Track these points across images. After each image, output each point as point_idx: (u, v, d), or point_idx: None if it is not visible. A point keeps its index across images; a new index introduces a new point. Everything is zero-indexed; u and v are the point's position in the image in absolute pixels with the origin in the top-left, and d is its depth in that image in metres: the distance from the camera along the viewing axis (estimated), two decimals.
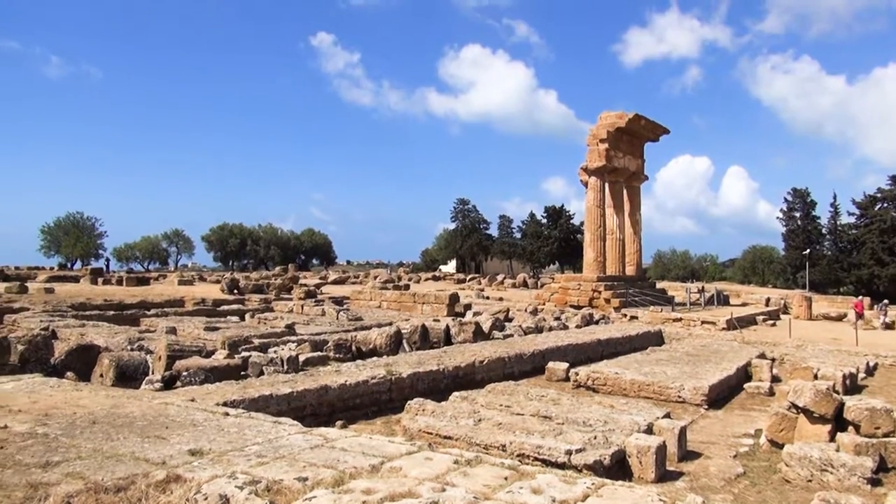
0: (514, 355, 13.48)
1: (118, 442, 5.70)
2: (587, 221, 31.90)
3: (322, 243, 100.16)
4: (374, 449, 5.26)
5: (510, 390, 10.06)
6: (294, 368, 11.28)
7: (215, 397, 8.20)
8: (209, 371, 10.22)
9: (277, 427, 6.26)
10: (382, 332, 14.81)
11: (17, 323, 17.44)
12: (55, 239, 77.01)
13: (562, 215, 79.79)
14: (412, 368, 11.12)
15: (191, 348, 11.75)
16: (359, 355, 13.70)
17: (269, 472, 4.58)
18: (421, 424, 8.11)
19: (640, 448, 6.82)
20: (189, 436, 5.89)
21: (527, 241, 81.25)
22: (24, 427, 6.22)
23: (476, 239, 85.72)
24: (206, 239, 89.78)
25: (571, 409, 8.85)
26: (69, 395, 8.12)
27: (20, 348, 10.55)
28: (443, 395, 10.30)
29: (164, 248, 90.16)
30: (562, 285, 31.46)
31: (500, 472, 4.44)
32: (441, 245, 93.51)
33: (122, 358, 10.69)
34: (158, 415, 6.82)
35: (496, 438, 7.35)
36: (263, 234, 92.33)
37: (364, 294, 30.42)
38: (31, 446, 5.54)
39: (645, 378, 11.88)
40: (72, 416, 6.74)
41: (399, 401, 10.05)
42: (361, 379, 10.09)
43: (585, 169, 31.38)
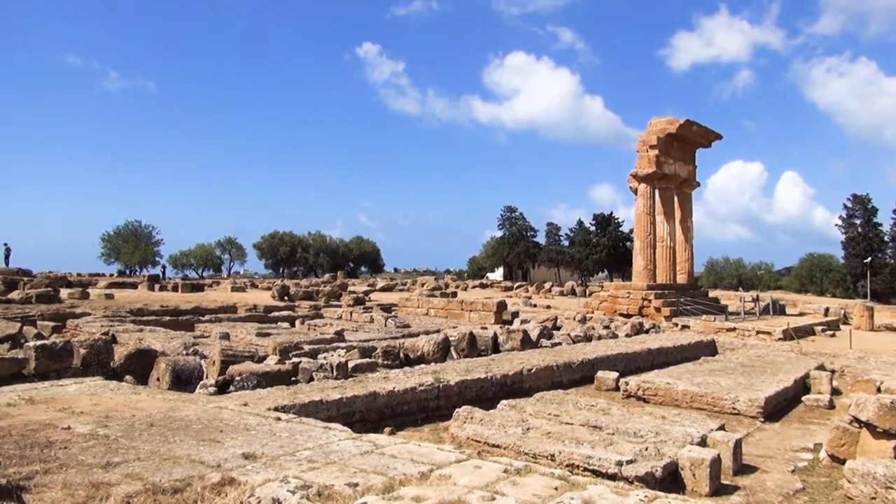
0: (562, 364, 13.35)
1: (175, 444, 5.86)
2: (637, 229, 31.43)
3: (370, 251, 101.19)
4: (424, 456, 5.28)
5: (559, 399, 9.97)
6: (343, 374, 11.40)
7: (267, 402, 8.34)
8: (261, 376, 10.41)
9: (328, 432, 6.34)
10: (430, 339, 14.85)
11: (80, 328, 18.09)
12: (115, 247, 79.70)
13: (610, 223, 78.91)
14: (460, 376, 11.12)
15: (243, 353, 11.99)
16: (407, 362, 13.77)
17: (320, 477, 4.64)
18: (469, 432, 8.10)
19: (693, 460, 6.67)
20: (242, 440, 6.01)
21: (575, 249, 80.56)
22: (86, 428, 6.45)
23: (523, 247, 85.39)
24: (257, 247, 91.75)
25: (622, 419, 8.71)
26: (128, 397, 8.38)
27: (82, 352, 10.92)
28: (490, 403, 10.26)
29: (218, 255, 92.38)
30: (611, 293, 31.06)
31: (550, 483, 4.40)
32: (488, 253, 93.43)
33: (178, 362, 10.97)
34: (213, 418, 6.98)
35: (545, 448, 7.28)
36: (313, 242, 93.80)
37: (411, 301, 30.58)
38: (92, 447, 5.73)
39: (698, 389, 11.62)
40: (131, 419, 6.95)
41: (447, 408, 10.06)
42: (409, 386, 10.13)
43: (635, 175, 30.96)
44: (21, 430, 6.34)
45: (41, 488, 4.51)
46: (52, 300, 25.94)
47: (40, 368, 10.17)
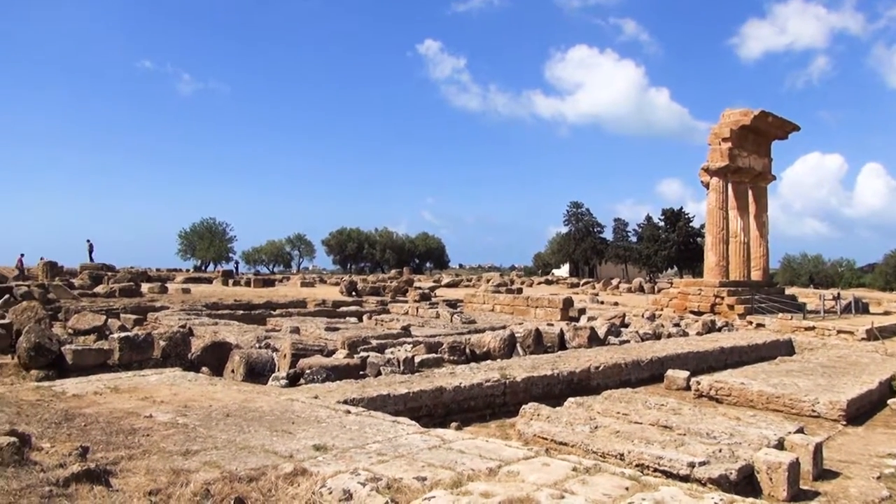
0: (630, 362, 13.11)
1: (249, 434, 6.05)
2: (708, 224, 30.48)
3: (435, 247, 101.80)
4: (491, 452, 5.28)
5: (627, 398, 9.79)
6: (410, 369, 11.51)
7: (336, 395, 8.50)
8: (330, 370, 10.62)
9: (396, 426, 6.42)
10: (496, 335, 14.83)
11: (159, 321, 18.88)
12: (191, 243, 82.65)
13: (680, 218, 76.87)
14: (526, 372, 11.07)
15: (313, 347, 12.26)
16: (472, 358, 13.78)
17: (389, 471, 4.70)
18: (535, 429, 8.05)
19: (770, 464, 6.44)
20: (314, 431, 6.15)
21: (643, 245, 78.88)
22: (166, 417, 6.73)
23: (590, 243, 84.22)
24: (325, 243, 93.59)
25: (693, 419, 8.49)
26: (205, 388, 8.70)
27: (162, 344, 11.40)
28: (557, 400, 10.17)
29: (288, 251, 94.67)
30: (681, 290, 30.27)
31: (620, 482, 4.33)
32: (554, 249, 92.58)
33: (251, 355, 11.31)
34: (285, 410, 7.17)
35: (613, 447, 7.17)
36: (379, 238, 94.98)
37: (477, 297, 30.60)
38: (172, 435, 5.98)
39: (774, 390, 11.21)
40: (208, 409, 7.21)
41: (513, 404, 10.04)
42: (476, 381, 10.15)
43: (706, 169, 30.03)
44: (107, 418, 6.67)
45: (126, 473, 4.73)
46: (133, 294, 27.15)
47: (124, 359, 10.67)
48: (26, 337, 10.18)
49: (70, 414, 6.75)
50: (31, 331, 10.33)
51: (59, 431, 5.96)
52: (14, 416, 6.39)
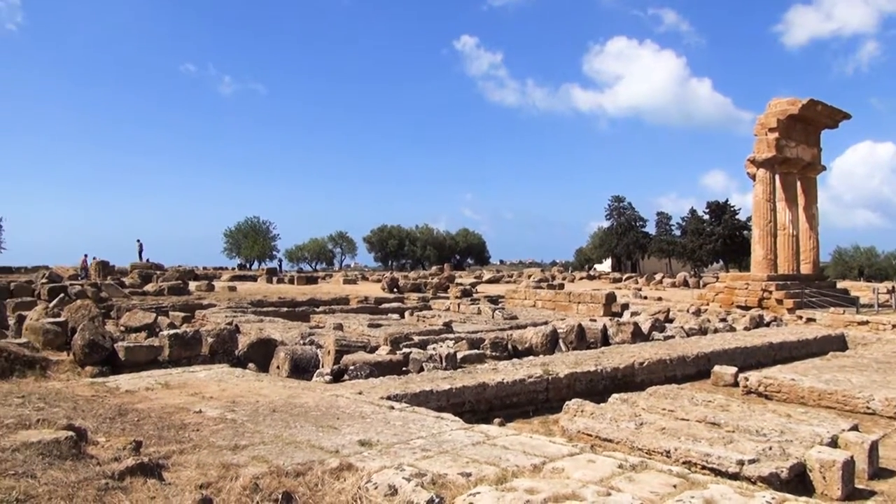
0: (676, 358, 12.90)
1: (296, 430, 6.14)
2: (755, 216, 29.78)
3: (476, 243, 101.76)
4: (535, 448, 5.26)
5: (673, 394, 9.64)
6: (452, 365, 11.53)
7: (380, 391, 8.57)
8: (373, 366, 10.71)
9: (440, 422, 6.44)
10: (538, 331, 14.76)
11: (206, 318, 19.29)
12: (236, 242, 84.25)
13: (725, 210, 75.29)
14: (569, 368, 10.99)
15: (356, 344, 12.38)
16: (515, 354, 13.74)
17: (434, 466, 4.72)
18: (579, 425, 7.99)
19: (823, 462, 6.27)
20: (358, 427, 6.22)
21: (687, 239, 77.49)
22: (215, 412, 6.87)
23: (632, 237, 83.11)
24: (367, 240, 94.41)
25: (742, 416, 8.32)
26: (251, 384, 8.86)
27: (210, 341, 11.64)
28: (601, 396, 10.07)
29: (330, 249, 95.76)
30: (727, 284, 29.66)
31: (667, 480, 4.27)
32: (595, 244, 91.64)
33: (296, 352, 11.47)
34: (330, 406, 7.25)
35: (659, 444, 7.07)
36: (420, 235, 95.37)
37: (518, 293, 30.49)
38: (222, 430, 6.11)
39: (826, 386, 10.91)
40: (255, 405, 7.34)
41: (556, 401, 9.97)
42: (518, 377, 10.12)
43: (753, 160, 29.33)
44: (159, 413, 6.84)
45: (178, 467, 4.85)
46: (181, 292, 27.80)
47: (173, 355, 10.93)
48: (81, 334, 10.50)
49: (123, 409, 6.95)
50: (86, 328, 10.66)
51: (113, 426, 6.14)
52: (71, 411, 6.60)
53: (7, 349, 10.25)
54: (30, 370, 9.94)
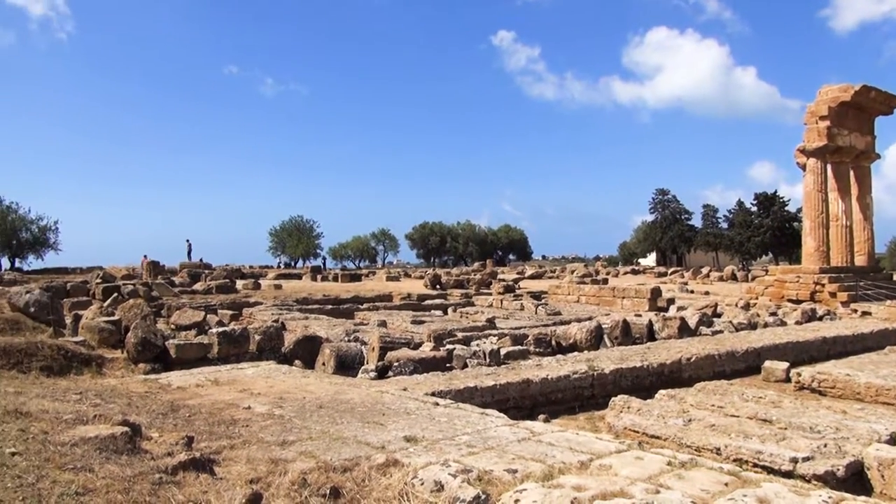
0: (724, 353, 12.64)
1: (342, 426, 6.20)
2: (806, 208, 28.96)
3: (518, 239, 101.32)
4: (582, 445, 5.21)
5: (722, 390, 9.44)
6: (496, 361, 11.51)
7: (424, 387, 8.60)
8: (417, 362, 10.76)
9: (485, 418, 6.43)
10: (582, 326, 14.62)
11: (253, 315, 19.65)
12: (280, 240, 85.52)
13: (774, 202, 73.42)
14: (614, 364, 10.86)
15: (400, 340, 12.45)
16: (559, 350, 13.65)
17: (480, 462, 4.72)
18: (626, 422, 7.89)
19: (881, 460, 6.06)
20: (404, 423, 6.25)
21: (734, 231, 75.84)
22: (263, 409, 6.99)
23: (677, 230, 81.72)
24: (409, 237, 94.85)
25: (795, 412, 8.10)
26: (298, 381, 8.99)
27: (257, 338, 11.86)
28: (647, 392, 9.93)
29: (373, 246, 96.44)
30: (777, 278, 28.93)
31: (718, 478, 4.18)
32: (639, 238, 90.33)
33: (341, 348, 11.60)
34: (375, 402, 7.31)
35: (709, 441, 6.93)
36: (462, 232, 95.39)
37: (562, 288, 30.27)
38: (270, 426, 6.21)
39: (884, 381, 10.54)
40: (302, 401, 7.45)
41: (601, 397, 9.88)
42: (563, 374, 10.04)
43: (802, 150, 28.52)
44: (209, 409, 6.99)
45: (228, 462, 4.95)
46: (229, 290, 28.38)
47: (222, 353, 11.16)
48: (133, 333, 10.81)
49: (175, 405, 7.12)
50: (138, 327, 10.96)
51: (165, 422, 6.30)
52: (125, 407, 6.79)
53: (65, 347, 10.61)
54: (86, 367, 10.27)
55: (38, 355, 10.05)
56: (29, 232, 54.19)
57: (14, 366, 9.67)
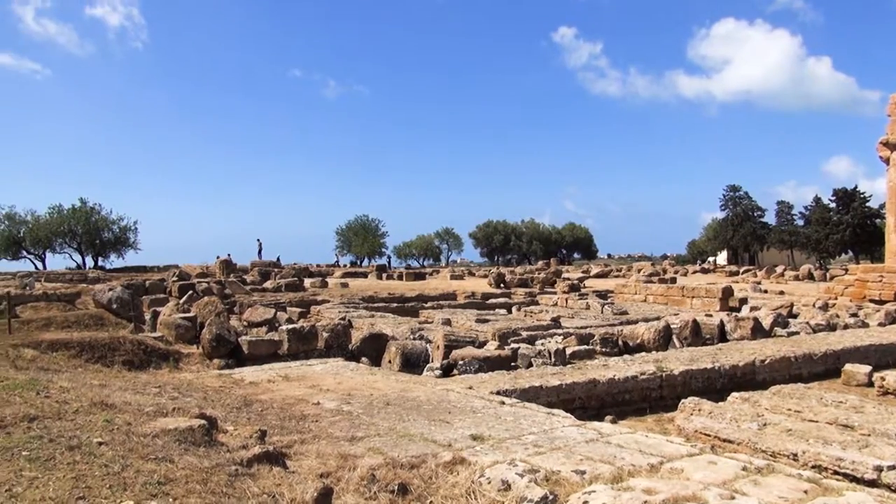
0: (801, 355, 12.15)
1: (409, 423, 6.27)
2: (890, 203, 27.52)
3: (583, 237, 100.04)
4: (652, 447, 5.11)
5: (799, 393, 9.09)
6: (561, 361, 11.41)
7: (489, 386, 8.61)
8: (482, 361, 10.77)
9: (551, 418, 6.39)
10: (650, 326, 14.34)
11: (321, 313, 20.06)
12: (346, 239, 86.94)
13: (854, 198, 70.05)
14: (684, 365, 10.60)
15: (464, 339, 12.48)
16: (625, 350, 13.44)
17: (547, 462, 4.69)
18: (696, 425, 7.69)
19: None
20: (470, 421, 6.27)
21: (811, 229, 72.77)
22: (332, 404, 7.14)
23: (749, 228, 78.98)
24: (472, 236, 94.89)
25: (879, 418, 7.72)
26: (365, 378, 9.13)
27: (325, 335, 12.11)
28: (719, 395, 9.65)
29: (437, 245, 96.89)
30: (858, 277, 27.61)
31: (797, 485, 4.03)
32: (709, 235, 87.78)
33: (406, 346, 11.72)
34: (441, 400, 7.36)
35: (785, 446, 6.69)
36: (525, 230, 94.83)
37: (628, 287, 29.72)
38: (338, 422, 6.33)
39: None
40: (369, 397, 7.56)
41: (670, 398, 9.66)
42: (630, 374, 9.87)
43: (886, 143, 27.10)
44: (280, 404, 7.19)
45: (299, 456, 5.08)
46: (297, 289, 29.04)
47: (291, 349, 11.44)
48: (208, 329, 11.20)
49: (248, 400, 7.35)
50: (213, 323, 11.35)
51: (239, 415, 6.50)
52: (201, 401, 7.05)
53: (145, 342, 11.09)
54: (164, 362, 10.71)
55: (120, 350, 10.54)
56: (111, 232, 56.88)
57: (98, 359, 10.18)
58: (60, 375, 8.06)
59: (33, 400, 5.54)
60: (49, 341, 10.83)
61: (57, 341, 10.83)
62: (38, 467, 3.70)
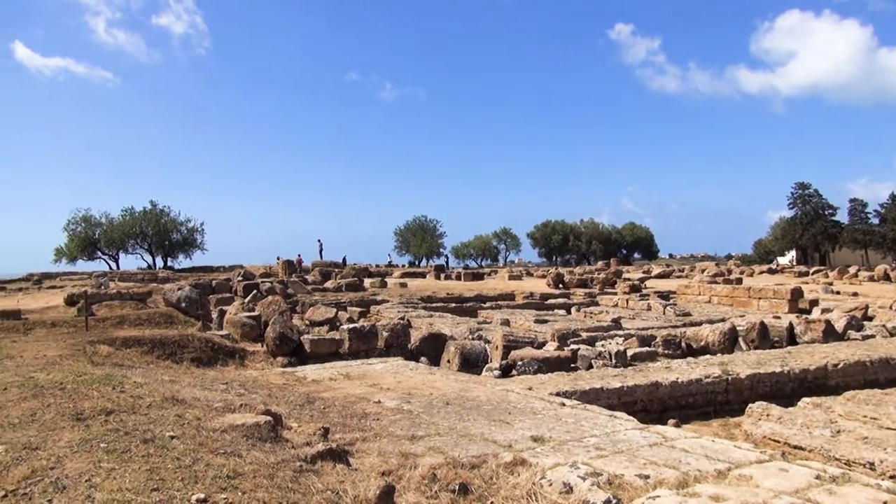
0: (877, 360, 11.62)
1: (469, 423, 6.28)
2: None
3: (643, 237, 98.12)
4: (718, 453, 4.97)
5: (876, 400, 8.69)
6: (622, 363, 11.23)
7: (549, 387, 8.54)
8: (541, 361, 10.70)
9: (613, 421, 6.29)
10: (715, 328, 13.97)
11: (380, 313, 20.27)
12: (405, 240, 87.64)
13: None
14: (751, 369, 10.29)
15: (523, 339, 12.42)
16: (689, 352, 13.14)
17: (609, 466, 4.62)
18: (765, 430, 7.45)
19: None
20: (530, 422, 6.23)
21: (887, 227, 69.58)
22: (393, 403, 7.21)
23: (820, 227, 75.97)
24: (530, 236, 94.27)
25: None
26: (424, 377, 9.18)
27: (385, 335, 12.24)
28: (788, 400, 9.33)
29: (495, 245, 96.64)
30: None
31: (875, 495, 3.85)
32: (777, 235, 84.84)
33: (465, 346, 11.74)
34: (501, 400, 7.34)
35: (861, 454, 6.41)
36: (584, 230, 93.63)
37: (691, 288, 29.01)
38: (399, 420, 6.39)
39: None
40: (429, 397, 7.61)
41: (736, 403, 9.40)
42: (694, 377, 9.64)
43: None
44: (342, 402, 7.30)
45: (361, 454, 5.15)
46: (357, 289, 29.44)
47: (352, 348, 11.62)
48: (272, 328, 11.47)
49: (311, 397, 7.49)
50: (276, 322, 11.62)
51: (303, 412, 6.64)
52: (266, 398, 7.22)
53: (212, 340, 11.43)
54: (230, 359, 11.02)
55: (189, 347, 10.90)
56: (179, 233, 58.85)
57: (169, 356, 10.55)
58: (134, 371, 8.40)
59: (109, 394, 5.79)
60: (123, 338, 11.29)
61: (130, 338, 11.28)
62: (115, 459, 3.86)
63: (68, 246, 55.35)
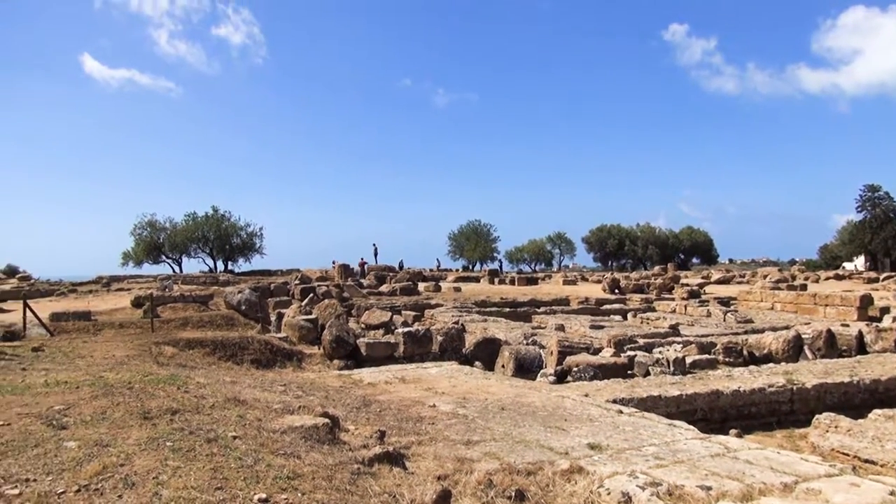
0: None
1: (524, 429, 6.24)
2: None
3: (702, 241, 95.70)
4: (784, 465, 4.81)
5: None
6: (681, 370, 10.99)
7: (605, 394, 8.42)
8: (597, 368, 10.56)
9: (672, 430, 6.16)
10: (778, 336, 13.53)
11: (434, 317, 20.35)
12: (459, 244, 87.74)
13: None
14: (817, 379, 9.93)
15: (578, 345, 12.29)
16: (751, 360, 12.77)
17: (669, 476, 4.52)
18: (833, 443, 7.17)
19: None
20: (586, 430, 6.16)
21: None
22: (448, 407, 7.22)
23: (890, 231, 72.78)
24: (585, 240, 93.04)
25: None
26: (479, 382, 9.18)
27: (439, 339, 12.29)
28: (857, 411, 8.95)
29: (549, 249, 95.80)
30: None
31: None
32: (844, 239, 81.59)
33: (520, 351, 11.68)
34: (556, 407, 7.27)
35: None
36: (641, 234, 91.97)
37: (753, 294, 28.16)
38: (454, 425, 6.40)
39: None
40: (484, 402, 7.59)
41: (802, 413, 9.09)
42: (757, 386, 9.36)
43: None
44: (397, 405, 7.36)
45: (417, 457, 5.17)
46: (411, 293, 29.63)
47: (407, 352, 11.70)
48: (329, 331, 11.65)
49: (367, 400, 7.57)
50: (333, 325, 11.79)
51: (359, 415, 6.72)
52: (323, 400, 7.34)
53: (271, 342, 11.68)
54: (288, 361, 11.25)
55: (248, 349, 11.17)
56: (239, 237, 60.31)
57: (230, 357, 10.83)
58: (197, 372, 8.65)
59: (174, 394, 5.97)
60: (186, 340, 11.64)
61: (193, 340, 11.63)
62: (180, 457, 3.99)
63: (135, 250, 57.39)
